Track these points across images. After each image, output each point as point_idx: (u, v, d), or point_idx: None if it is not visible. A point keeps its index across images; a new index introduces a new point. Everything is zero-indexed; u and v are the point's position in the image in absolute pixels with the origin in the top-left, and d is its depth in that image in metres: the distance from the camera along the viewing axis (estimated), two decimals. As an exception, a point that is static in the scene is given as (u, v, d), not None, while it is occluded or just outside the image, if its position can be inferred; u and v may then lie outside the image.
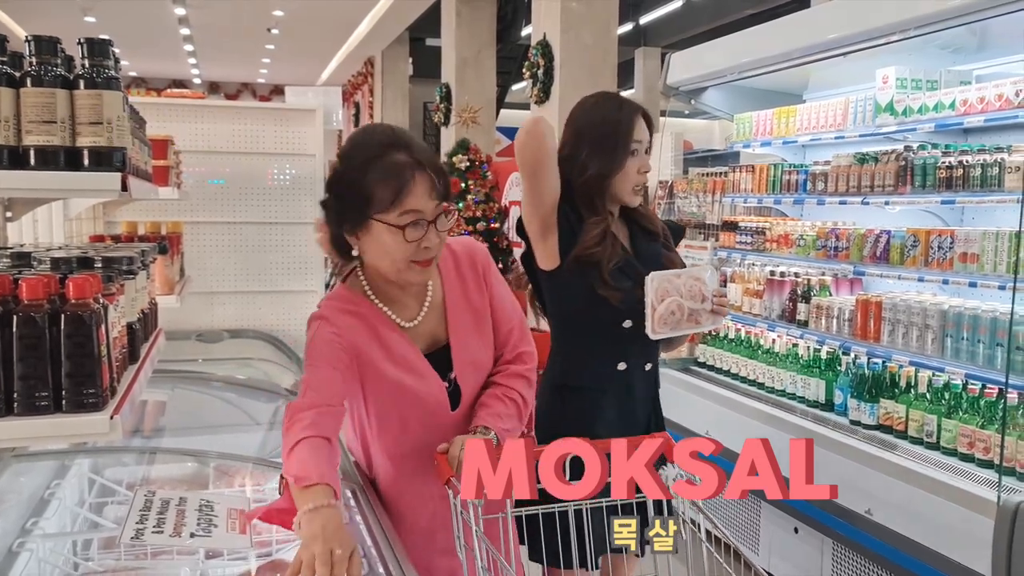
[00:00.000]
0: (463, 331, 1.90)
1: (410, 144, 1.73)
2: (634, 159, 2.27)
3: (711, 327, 2.34)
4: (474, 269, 1.94)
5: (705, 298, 2.21)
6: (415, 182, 1.68)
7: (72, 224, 3.25)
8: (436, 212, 1.70)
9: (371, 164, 1.68)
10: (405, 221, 1.68)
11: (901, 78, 3.51)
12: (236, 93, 18.30)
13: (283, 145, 4.45)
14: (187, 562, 1.93)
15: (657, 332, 2.18)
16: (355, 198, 1.69)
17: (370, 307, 1.83)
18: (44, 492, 2.04)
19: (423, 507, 1.90)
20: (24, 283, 1.33)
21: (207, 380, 2.96)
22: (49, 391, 1.34)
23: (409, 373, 1.82)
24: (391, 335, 1.82)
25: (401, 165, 1.68)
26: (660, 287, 2.17)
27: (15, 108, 1.34)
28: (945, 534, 2.77)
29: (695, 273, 2.22)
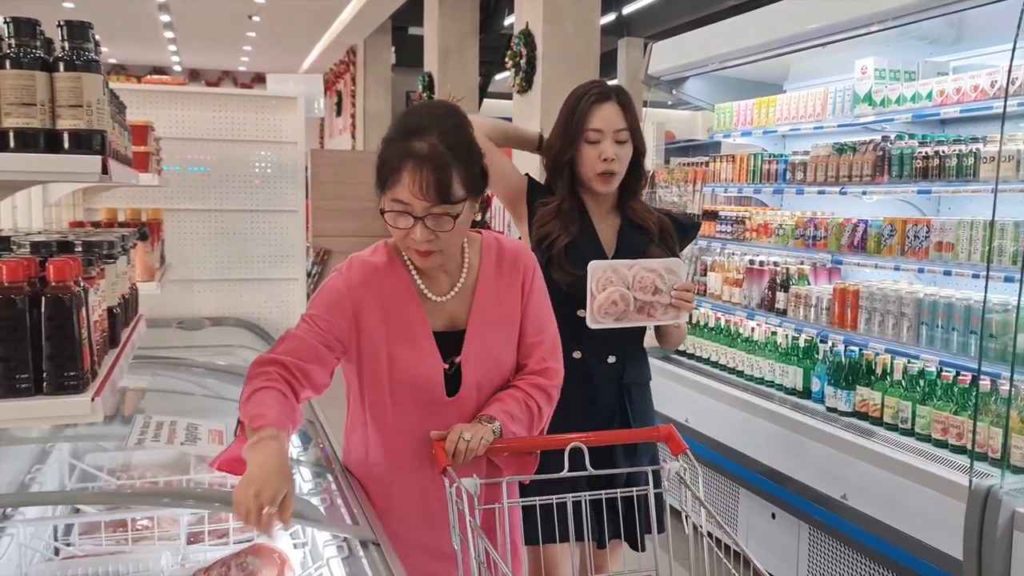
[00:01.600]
0: (483, 321, 1.87)
1: (431, 134, 1.69)
2: (592, 147, 2.30)
3: (670, 322, 2.25)
4: (515, 269, 1.93)
5: (658, 290, 2.17)
6: (404, 175, 1.67)
7: (51, 211, 3.23)
8: (426, 210, 1.68)
9: (388, 144, 1.74)
10: (392, 208, 1.71)
11: (879, 69, 3.55)
12: (217, 81, 18.16)
13: (264, 133, 4.43)
14: (169, 547, 1.94)
15: (597, 321, 2.13)
16: (377, 168, 1.75)
17: (402, 271, 1.85)
18: (25, 477, 2.04)
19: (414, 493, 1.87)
20: (4, 265, 1.33)
21: (188, 366, 2.95)
22: (30, 373, 1.34)
23: (407, 345, 1.81)
24: (406, 304, 1.83)
25: (401, 155, 1.68)
26: (603, 276, 2.12)
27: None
28: (918, 518, 2.82)
29: (650, 265, 2.17)
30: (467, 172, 1.72)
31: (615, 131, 2.30)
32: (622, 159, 2.32)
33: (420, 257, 1.78)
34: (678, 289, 2.19)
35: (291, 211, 4.47)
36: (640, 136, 2.37)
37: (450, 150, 1.69)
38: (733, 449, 3.77)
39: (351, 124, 14.41)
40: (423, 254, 1.76)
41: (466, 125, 1.79)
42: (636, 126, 2.35)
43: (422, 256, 1.77)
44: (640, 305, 2.15)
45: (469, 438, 1.74)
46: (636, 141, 2.35)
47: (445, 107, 1.81)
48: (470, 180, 1.73)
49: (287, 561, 1.78)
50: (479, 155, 1.78)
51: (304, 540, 1.91)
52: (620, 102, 2.33)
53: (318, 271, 8.44)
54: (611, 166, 2.30)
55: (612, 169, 2.30)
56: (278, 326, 4.40)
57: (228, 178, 4.38)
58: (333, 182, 10.67)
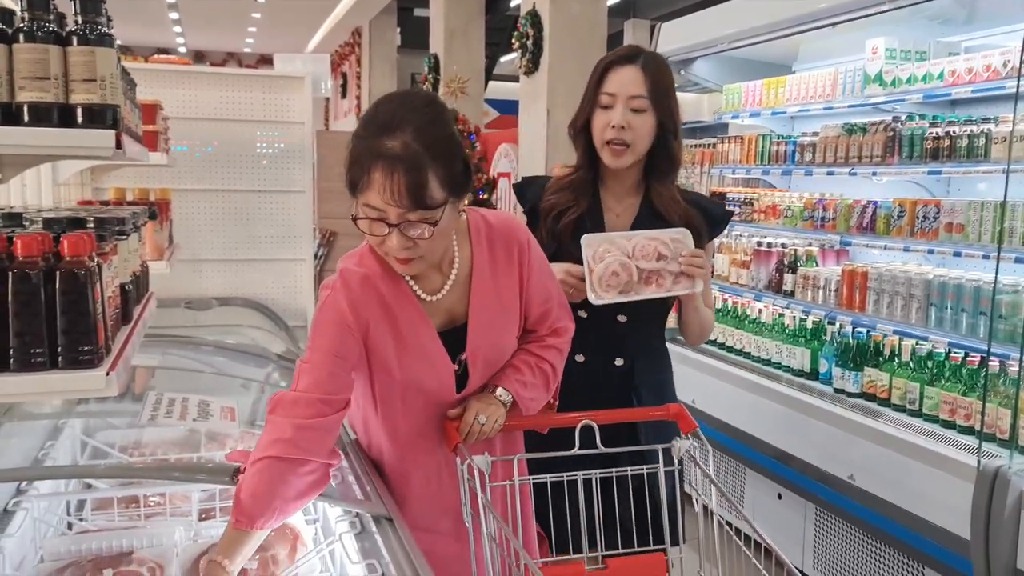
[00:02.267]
0: (484, 311, 1.78)
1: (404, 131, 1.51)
2: (603, 112, 2.08)
3: (685, 291, 2.00)
4: (508, 248, 1.80)
5: (663, 256, 1.96)
6: (375, 178, 1.50)
7: (60, 189, 3.23)
8: (400, 217, 1.52)
9: (358, 140, 1.56)
10: (365, 214, 1.55)
11: (890, 49, 3.52)
12: (222, 62, 18.07)
13: (271, 113, 4.42)
14: (181, 523, 1.95)
15: (600, 296, 1.92)
16: (347, 171, 1.57)
17: (392, 275, 1.71)
18: (38, 453, 2.05)
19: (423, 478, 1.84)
20: (19, 240, 1.33)
21: (197, 344, 2.96)
22: (45, 348, 1.35)
23: (418, 358, 1.72)
24: (406, 310, 1.72)
25: (372, 155, 1.51)
26: (599, 249, 1.93)
27: (8, 65, 1.33)
28: (926, 498, 2.83)
29: (651, 234, 1.98)
30: (446, 171, 1.53)
31: (629, 97, 2.05)
32: (636, 129, 2.05)
33: (400, 265, 1.63)
34: (687, 255, 1.99)
35: (298, 191, 4.46)
36: (667, 109, 2.09)
37: (426, 149, 1.51)
38: (740, 430, 3.78)
39: (356, 106, 14.37)
40: (403, 262, 1.62)
41: (445, 117, 1.61)
42: (663, 96, 2.08)
43: (402, 264, 1.63)
44: (647, 275, 1.95)
45: (484, 421, 1.73)
46: (660, 114, 2.07)
47: (422, 98, 1.62)
48: (450, 180, 1.55)
49: (299, 536, 1.79)
50: (459, 149, 1.60)
51: (316, 516, 1.92)
52: (647, 67, 2.07)
53: (324, 253, 8.43)
54: (620, 135, 2.05)
55: (621, 139, 2.06)
56: (285, 306, 4.41)
57: (235, 158, 4.37)
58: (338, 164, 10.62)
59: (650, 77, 2.06)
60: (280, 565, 1.72)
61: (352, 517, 1.69)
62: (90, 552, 1.74)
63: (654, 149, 2.11)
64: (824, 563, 3.39)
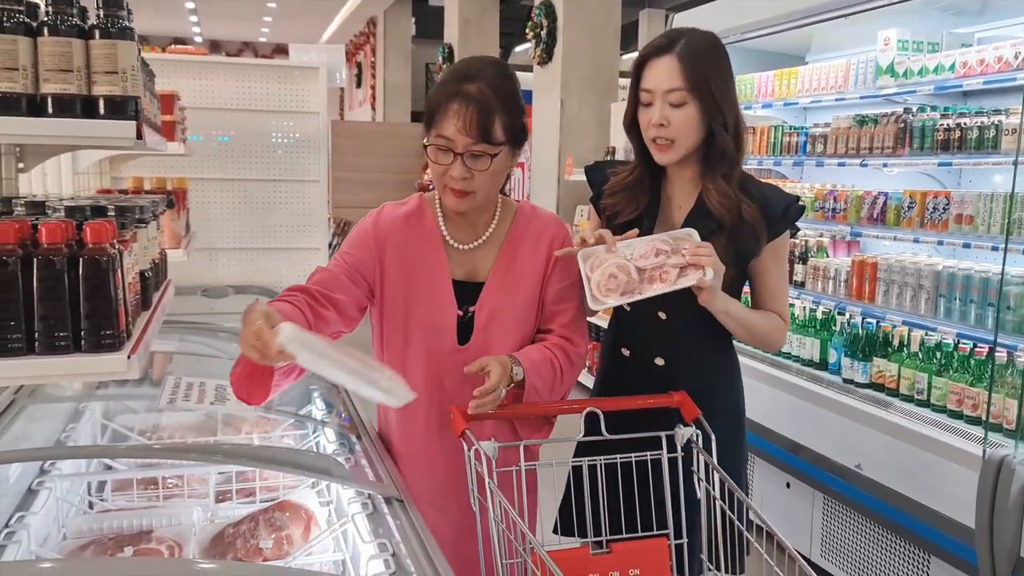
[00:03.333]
0: (504, 275, 1.92)
1: (481, 79, 1.79)
2: (644, 109, 1.97)
3: (692, 282, 1.82)
4: (544, 235, 1.95)
5: (662, 252, 1.85)
6: (450, 112, 1.76)
7: (80, 178, 3.29)
8: (467, 147, 1.77)
9: (441, 85, 1.83)
10: (435, 143, 1.80)
11: (902, 40, 3.53)
12: (238, 52, 18.17)
13: (286, 103, 4.47)
14: (198, 503, 2.01)
15: (600, 301, 1.84)
16: (425, 111, 1.85)
17: (430, 219, 1.94)
18: (60, 435, 2.11)
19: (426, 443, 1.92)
20: (43, 227, 1.37)
21: (214, 331, 3.01)
22: (69, 331, 1.39)
23: (425, 288, 1.89)
24: (429, 250, 1.91)
25: (450, 94, 1.78)
26: (595, 259, 1.87)
27: (33, 57, 1.38)
28: (932, 488, 2.86)
29: (652, 236, 1.90)
30: (509, 119, 1.80)
31: (666, 91, 1.91)
32: (677, 125, 1.92)
33: (455, 197, 1.83)
34: (690, 247, 1.84)
35: (313, 181, 4.52)
36: (712, 99, 1.91)
37: (495, 95, 1.78)
38: (750, 419, 3.78)
39: (371, 96, 14.41)
40: (458, 193, 1.82)
41: (514, 79, 1.87)
42: (705, 84, 1.90)
43: (456, 196, 1.82)
44: (649, 274, 1.84)
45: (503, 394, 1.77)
46: (704, 103, 1.91)
47: (498, 60, 1.94)
48: (511, 128, 1.81)
49: (313, 517, 1.84)
50: (522, 108, 1.87)
51: (330, 499, 1.97)
52: (683, 56, 1.91)
53: (338, 242, 8.50)
54: (661, 132, 1.93)
55: (663, 136, 1.93)
56: (300, 295, 4.46)
57: (251, 148, 4.42)
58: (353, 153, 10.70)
59: (687, 66, 1.91)
60: (294, 544, 1.77)
61: (364, 499, 1.74)
62: (111, 530, 1.79)
63: (708, 142, 1.96)
64: (832, 551, 3.42)
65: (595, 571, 1.76)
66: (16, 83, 1.36)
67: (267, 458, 1.84)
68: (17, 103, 1.37)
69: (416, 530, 1.53)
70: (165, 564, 1.47)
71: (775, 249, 2.03)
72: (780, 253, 2.06)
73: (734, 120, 1.95)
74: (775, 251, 2.03)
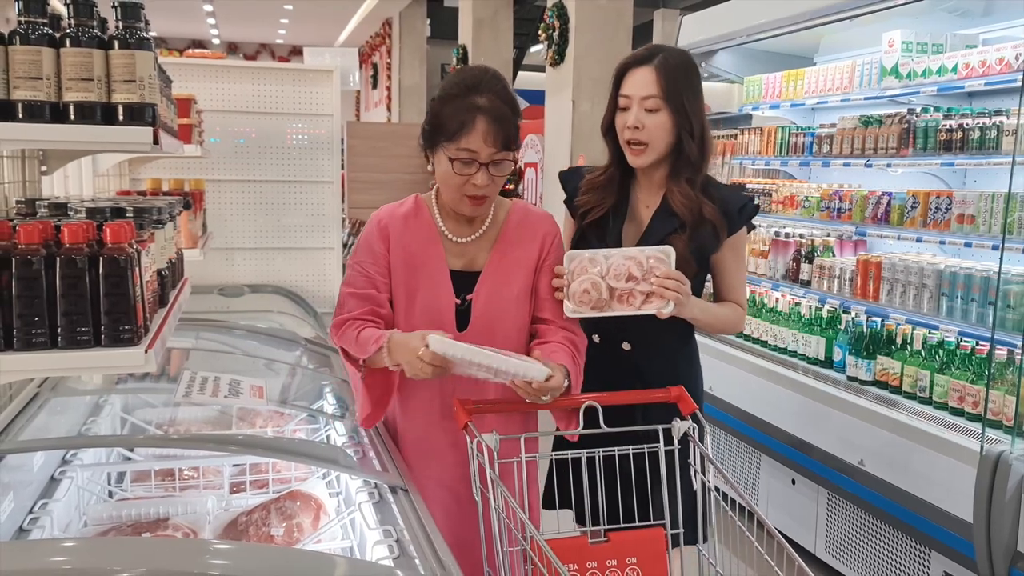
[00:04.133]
0: (500, 264, 2.04)
1: (489, 91, 1.90)
2: (621, 113, 2.17)
3: (653, 310, 2.00)
4: (537, 230, 2.08)
5: (633, 277, 2.00)
6: (476, 125, 1.87)
7: (100, 180, 3.38)
8: (491, 157, 1.89)
9: (450, 100, 1.91)
10: (459, 156, 1.89)
11: (907, 41, 3.56)
12: (255, 54, 18.32)
13: (301, 105, 4.56)
14: (213, 494, 2.08)
15: (575, 310, 2.02)
16: (433, 124, 1.93)
17: (427, 216, 2.05)
18: (81, 427, 2.19)
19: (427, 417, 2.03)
20: (66, 228, 1.45)
21: (229, 328, 3.10)
22: (89, 327, 1.47)
23: (424, 278, 2.00)
24: (426, 244, 2.02)
25: (469, 108, 1.88)
26: (579, 266, 2.03)
27: (55, 67, 1.46)
28: (932, 483, 2.90)
29: (630, 253, 2.04)
30: (518, 125, 1.94)
31: (642, 98, 2.11)
32: (650, 130, 2.11)
33: (473, 204, 1.95)
34: (660, 276, 1.99)
35: (327, 182, 4.60)
36: (683, 109, 2.11)
37: (508, 105, 1.91)
38: (755, 417, 3.85)
39: (387, 97, 14.51)
40: (477, 200, 1.94)
41: (510, 86, 1.99)
42: (676, 96, 2.11)
43: (475, 203, 1.95)
44: (620, 294, 2.01)
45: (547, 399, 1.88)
46: (675, 112, 2.11)
47: (491, 70, 2.01)
48: (517, 133, 1.95)
49: (323, 506, 1.92)
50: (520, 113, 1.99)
51: (339, 489, 2.04)
52: (660, 67, 2.11)
53: (353, 242, 8.60)
54: (635, 135, 2.12)
55: (637, 138, 2.13)
56: (315, 293, 4.56)
57: (266, 150, 4.52)
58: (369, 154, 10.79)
59: (663, 77, 2.11)
60: (304, 532, 1.84)
61: (371, 488, 1.81)
62: (129, 518, 1.88)
63: (676, 148, 2.16)
64: (835, 547, 3.46)
65: (593, 559, 1.82)
66: (40, 92, 1.45)
67: (278, 448, 1.92)
68: (41, 111, 1.45)
69: (419, 517, 1.60)
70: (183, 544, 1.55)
71: (733, 244, 2.24)
72: (738, 248, 2.28)
73: (700, 129, 2.15)
74: (733, 246, 2.24)
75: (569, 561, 1.79)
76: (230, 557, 1.36)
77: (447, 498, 2.00)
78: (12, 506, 1.64)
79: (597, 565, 1.82)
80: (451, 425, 1.98)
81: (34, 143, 1.65)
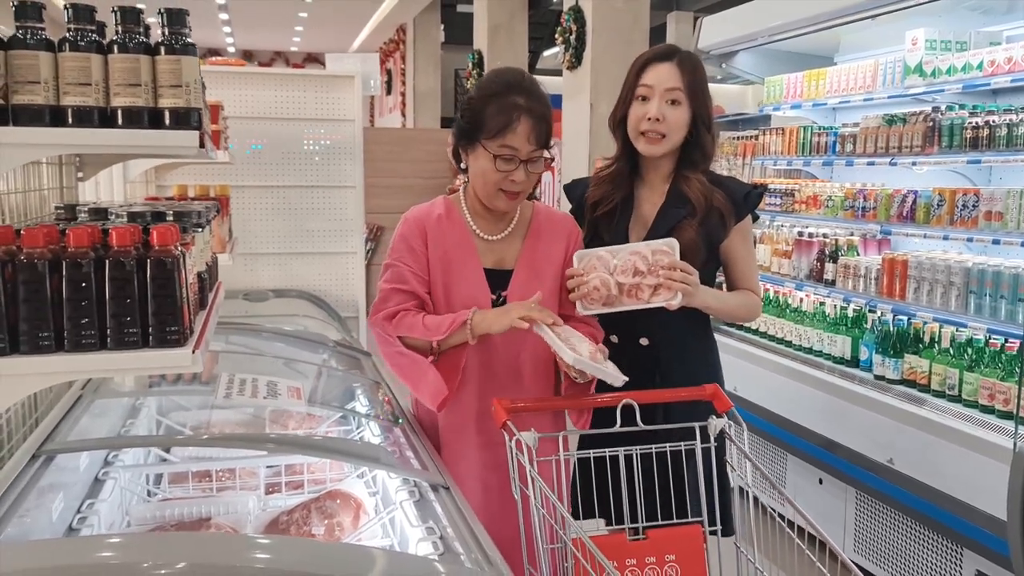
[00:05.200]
0: (530, 261, 2.11)
1: (529, 91, 1.97)
2: (640, 104, 2.22)
3: (663, 303, 2.04)
4: (563, 228, 2.18)
5: (639, 271, 2.04)
6: (519, 124, 1.94)
7: (129, 187, 3.42)
8: (530, 154, 1.96)
9: (492, 98, 1.97)
10: (501, 153, 1.96)
11: (930, 40, 3.56)
12: (270, 61, 18.43)
13: (323, 111, 4.59)
14: (251, 495, 2.10)
15: (587, 308, 2.07)
16: (473, 122, 1.99)
17: (457, 215, 2.12)
18: (120, 429, 2.22)
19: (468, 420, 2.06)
20: (114, 231, 1.47)
21: (258, 331, 3.13)
22: (138, 328, 1.49)
23: (460, 276, 2.05)
24: (460, 244, 2.08)
25: (512, 107, 1.94)
26: (587, 264, 2.08)
27: (104, 73, 1.48)
28: (964, 481, 2.89)
29: (635, 248, 2.09)
30: (552, 125, 2.02)
31: (666, 89, 2.18)
32: (671, 121, 2.18)
33: (508, 199, 2.02)
34: (666, 267, 2.03)
35: (349, 187, 4.63)
36: (702, 102, 2.22)
37: (546, 105, 2.00)
38: (782, 417, 3.85)
39: (401, 102, 14.57)
40: (513, 196, 2.01)
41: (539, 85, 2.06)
42: (698, 91, 2.21)
43: (511, 198, 2.02)
44: (629, 289, 2.06)
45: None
46: (695, 106, 2.21)
47: (525, 71, 2.10)
48: (551, 132, 2.02)
49: (362, 505, 1.93)
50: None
51: (376, 488, 2.06)
52: (682, 64, 2.21)
53: (372, 247, 8.63)
54: (655, 126, 2.18)
55: (657, 129, 2.19)
56: (338, 298, 4.58)
57: (288, 155, 4.54)
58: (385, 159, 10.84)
59: (686, 73, 2.21)
60: (345, 531, 1.86)
61: (411, 487, 1.82)
62: (172, 517, 1.90)
63: (687, 141, 2.25)
64: (865, 547, 3.45)
65: (632, 556, 1.83)
66: (89, 97, 1.47)
67: (321, 447, 1.94)
68: (90, 116, 1.47)
69: (463, 514, 1.61)
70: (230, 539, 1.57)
71: (742, 231, 2.30)
72: (746, 235, 2.34)
73: (711, 126, 2.27)
74: (742, 233, 2.31)
75: (608, 558, 1.80)
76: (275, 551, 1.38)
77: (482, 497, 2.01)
78: (62, 505, 1.66)
79: (636, 562, 1.83)
80: (485, 426, 2.00)
81: (84, 148, 1.67)
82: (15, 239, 1.46)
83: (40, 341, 1.42)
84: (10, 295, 1.40)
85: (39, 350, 1.42)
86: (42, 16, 1.46)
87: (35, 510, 1.54)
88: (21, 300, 1.40)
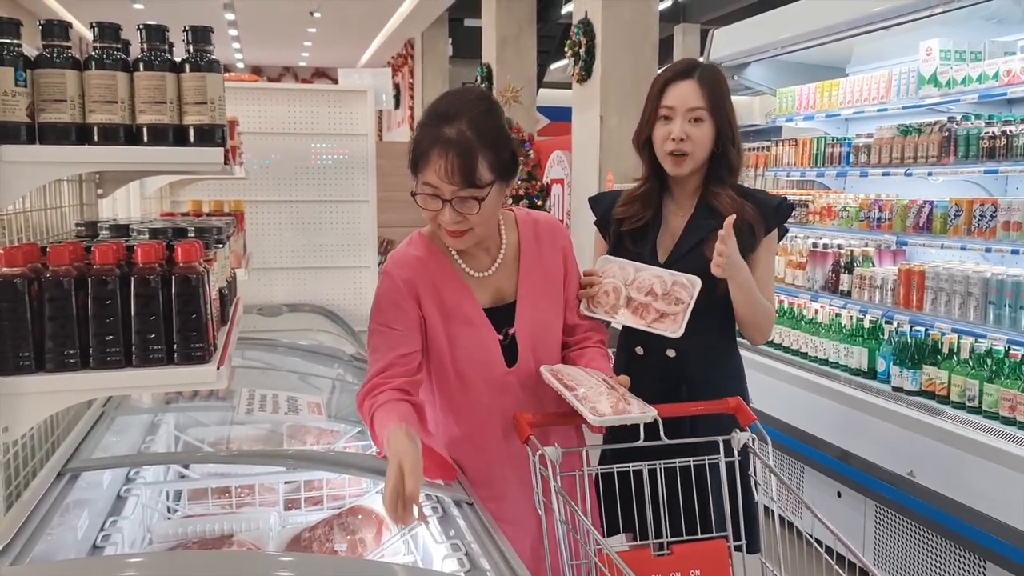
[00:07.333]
0: (531, 291, 1.97)
1: (463, 120, 1.75)
2: (663, 124, 2.21)
3: (661, 331, 2.04)
4: (553, 240, 2.03)
5: (653, 293, 2.05)
6: (430, 160, 1.74)
7: (145, 203, 3.43)
8: (453, 193, 1.75)
9: (420, 128, 1.80)
10: (422, 191, 1.79)
11: (945, 50, 3.55)
12: (278, 77, 18.54)
13: (335, 126, 4.60)
14: (271, 511, 2.10)
15: (589, 309, 2.07)
16: (410, 152, 1.82)
17: (440, 256, 1.93)
18: (140, 446, 2.21)
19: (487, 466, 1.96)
20: (139, 248, 1.48)
21: (274, 346, 3.13)
22: (163, 345, 1.49)
23: (461, 323, 1.90)
24: (451, 285, 1.91)
25: (431, 139, 1.75)
26: (607, 270, 2.08)
27: (129, 91, 1.48)
28: (985, 493, 2.86)
29: (658, 272, 2.08)
30: (495, 157, 1.77)
31: (688, 109, 2.17)
32: (695, 139, 2.17)
33: (452, 237, 1.84)
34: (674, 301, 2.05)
35: (362, 201, 4.64)
36: (725, 118, 2.20)
37: (477, 136, 1.75)
38: (798, 429, 3.82)
39: (409, 116, 14.62)
40: (454, 234, 1.83)
41: (496, 111, 1.85)
42: (720, 107, 2.19)
43: (453, 236, 1.83)
44: (636, 305, 2.06)
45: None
46: (718, 122, 2.18)
47: (477, 93, 1.88)
48: (498, 164, 1.78)
49: (384, 521, 1.92)
50: (508, 140, 1.84)
51: (398, 504, 2.04)
52: (703, 80, 2.19)
53: (382, 260, 8.66)
54: (680, 146, 2.17)
55: (681, 149, 2.18)
56: (351, 311, 4.57)
57: (301, 170, 4.55)
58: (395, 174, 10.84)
59: (707, 89, 2.19)
60: (367, 548, 1.85)
61: (433, 503, 1.81)
62: (194, 534, 1.89)
63: (713, 156, 2.22)
64: (884, 560, 3.42)
65: (657, 572, 1.81)
66: (115, 115, 1.47)
67: (339, 462, 1.93)
68: (116, 133, 1.48)
69: (488, 531, 1.60)
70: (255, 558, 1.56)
71: (768, 243, 2.27)
72: (772, 248, 2.31)
73: (735, 139, 2.23)
74: (768, 246, 2.28)
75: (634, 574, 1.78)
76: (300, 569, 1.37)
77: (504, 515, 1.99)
78: (87, 523, 1.66)
79: (661, 578, 1.81)
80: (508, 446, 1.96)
81: (110, 165, 1.67)
82: (40, 257, 1.46)
83: (66, 359, 1.42)
84: (36, 312, 1.40)
85: (65, 367, 1.42)
86: (68, 35, 1.47)
87: (60, 528, 1.54)
88: (47, 317, 1.40)
